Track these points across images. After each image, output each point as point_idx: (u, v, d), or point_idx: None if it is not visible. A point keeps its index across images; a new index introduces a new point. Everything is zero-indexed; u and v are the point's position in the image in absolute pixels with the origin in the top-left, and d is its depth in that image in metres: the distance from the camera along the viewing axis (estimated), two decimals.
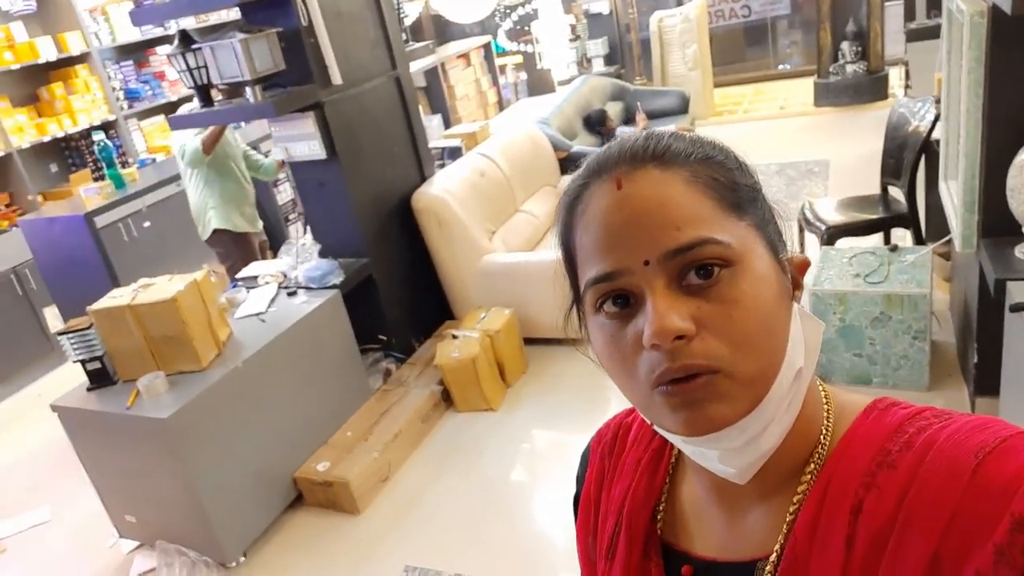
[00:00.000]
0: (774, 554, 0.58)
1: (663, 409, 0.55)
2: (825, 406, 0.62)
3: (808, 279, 3.23)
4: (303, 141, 3.34)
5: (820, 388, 0.63)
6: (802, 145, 6.17)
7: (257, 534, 2.88)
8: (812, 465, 0.59)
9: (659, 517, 0.69)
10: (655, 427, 0.60)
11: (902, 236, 3.65)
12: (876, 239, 3.75)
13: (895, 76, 6.61)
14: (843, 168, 5.44)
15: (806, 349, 0.59)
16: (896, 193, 3.62)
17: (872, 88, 6.66)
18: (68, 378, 4.00)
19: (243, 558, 2.80)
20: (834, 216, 3.62)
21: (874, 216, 3.57)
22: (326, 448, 3.13)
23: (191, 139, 3.70)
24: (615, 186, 0.56)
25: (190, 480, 2.61)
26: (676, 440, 0.59)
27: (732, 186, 0.57)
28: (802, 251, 3.86)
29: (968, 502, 0.49)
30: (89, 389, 2.76)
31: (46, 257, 3.99)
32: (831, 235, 3.48)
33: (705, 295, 0.53)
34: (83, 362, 2.74)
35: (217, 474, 2.69)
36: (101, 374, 2.76)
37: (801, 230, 3.82)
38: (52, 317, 4.49)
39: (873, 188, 3.82)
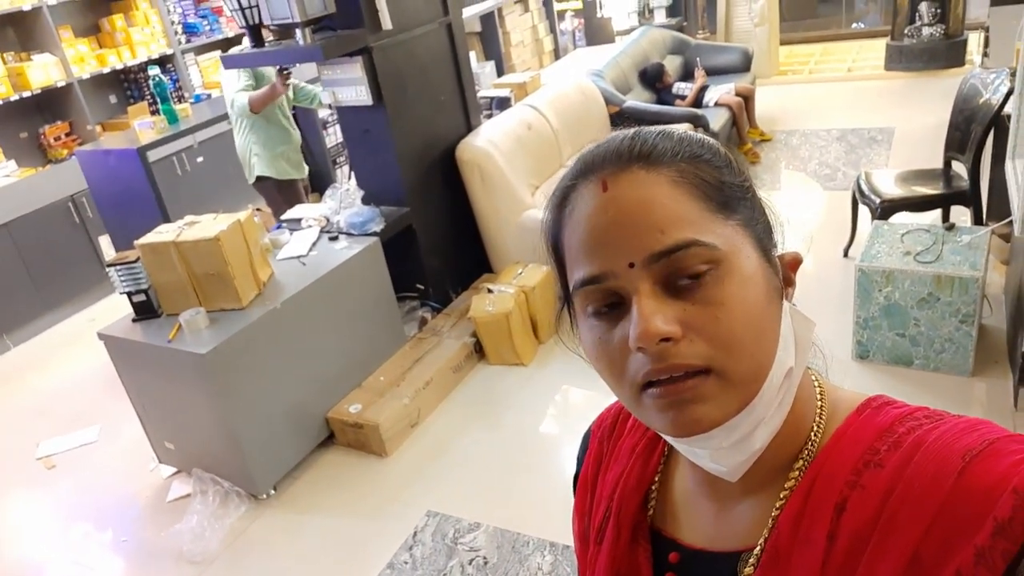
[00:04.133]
0: (758, 547, 0.59)
1: (651, 410, 0.55)
2: (819, 402, 0.62)
3: (856, 253, 3.13)
4: (350, 86, 3.33)
5: (815, 384, 0.63)
6: (867, 111, 5.91)
7: (288, 469, 2.98)
8: (801, 462, 0.59)
9: (650, 504, 0.70)
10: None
11: (961, 215, 3.51)
12: (934, 216, 3.61)
13: (974, 42, 6.25)
14: (908, 138, 5.21)
15: (797, 348, 0.59)
16: (959, 169, 3.46)
17: (948, 53, 6.32)
18: (119, 305, 4.15)
19: (273, 491, 2.92)
20: (891, 189, 3.49)
21: (933, 192, 3.43)
22: (359, 391, 3.21)
23: (238, 93, 3.73)
24: (601, 188, 0.56)
25: (226, 413, 2.70)
26: (667, 438, 0.59)
27: (719, 185, 0.56)
28: (855, 224, 3.74)
29: (951, 504, 0.49)
30: (134, 320, 2.86)
31: (100, 188, 4.10)
32: (885, 209, 3.35)
33: (691, 297, 0.53)
34: (129, 294, 2.83)
35: (252, 409, 2.79)
36: (146, 306, 2.85)
37: (855, 202, 3.69)
38: (107, 246, 4.64)
39: (936, 162, 3.66)
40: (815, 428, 0.60)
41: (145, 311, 2.86)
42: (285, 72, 3.74)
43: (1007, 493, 0.47)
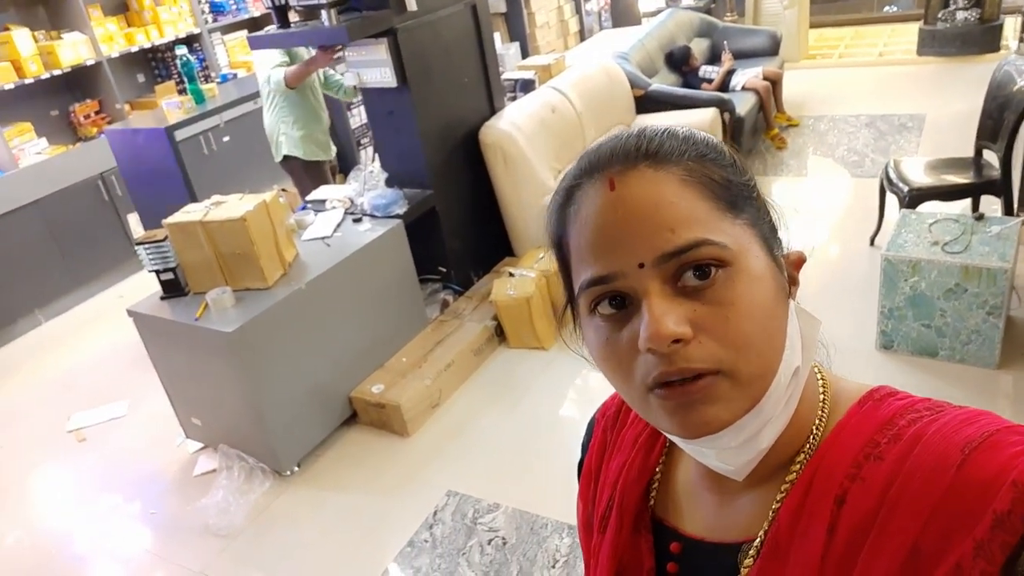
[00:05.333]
0: (758, 539, 0.59)
1: (659, 412, 0.55)
2: (822, 395, 0.62)
3: (882, 242, 3.09)
4: (375, 68, 3.34)
5: (818, 377, 0.63)
6: (898, 97, 5.81)
7: (311, 447, 3.03)
8: (802, 455, 0.59)
9: (652, 494, 0.71)
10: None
11: (992, 205, 3.45)
12: (963, 205, 3.56)
13: (1010, 27, 6.10)
14: (939, 125, 5.12)
15: (803, 346, 0.59)
16: (991, 158, 3.40)
17: (983, 39, 6.17)
18: (148, 283, 4.22)
19: (297, 468, 2.97)
20: (920, 178, 3.44)
21: (963, 181, 3.38)
22: (381, 371, 3.24)
23: (274, 70, 3.73)
24: (608, 187, 0.55)
25: (251, 391, 2.75)
26: (673, 437, 0.59)
27: (726, 184, 0.56)
28: (882, 212, 3.69)
29: (951, 497, 0.49)
30: (162, 298, 2.91)
31: (129, 166, 4.16)
32: (913, 198, 3.31)
33: (701, 297, 0.53)
34: (157, 272, 2.88)
35: (277, 388, 2.83)
36: (173, 285, 2.90)
37: (883, 190, 3.64)
38: (135, 223, 4.71)
39: (967, 150, 3.60)
40: (817, 422, 0.60)
41: (173, 289, 2.91)
42: (330, 47, 3.67)
43: (1006, 486, 0.47)
